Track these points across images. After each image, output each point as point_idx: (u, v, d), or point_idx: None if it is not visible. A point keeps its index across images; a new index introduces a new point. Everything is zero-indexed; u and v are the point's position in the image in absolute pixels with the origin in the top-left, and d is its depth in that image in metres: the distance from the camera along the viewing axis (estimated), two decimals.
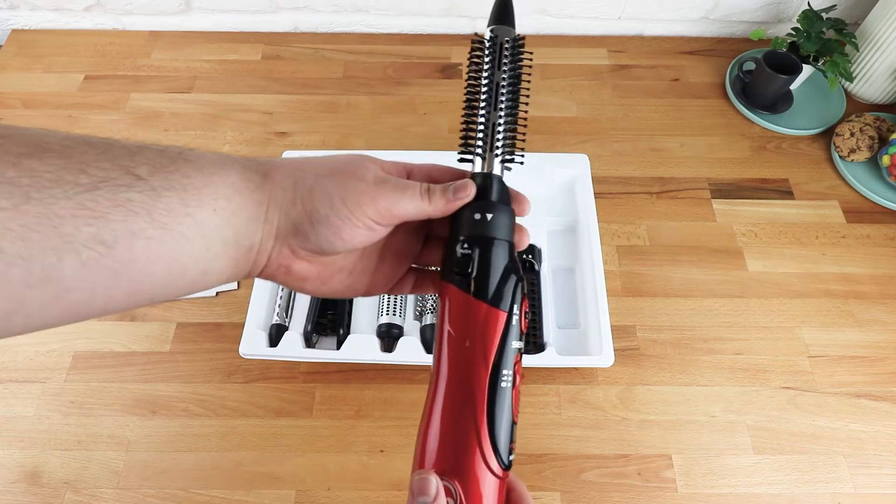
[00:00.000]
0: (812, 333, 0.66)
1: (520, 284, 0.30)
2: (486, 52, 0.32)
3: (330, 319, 0.64)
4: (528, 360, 0.60)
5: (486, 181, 0.30)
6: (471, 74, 0.32)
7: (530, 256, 0.65)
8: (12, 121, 0.83)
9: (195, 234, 0.24)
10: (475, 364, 0.28)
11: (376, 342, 0.61)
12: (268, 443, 0.59)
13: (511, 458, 0.29)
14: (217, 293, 0.68)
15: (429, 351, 0.60)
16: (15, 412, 0.60)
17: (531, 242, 0.66)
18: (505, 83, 0.31)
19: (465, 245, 0.29)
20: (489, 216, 0.29)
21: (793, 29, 0.82)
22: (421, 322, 0.63)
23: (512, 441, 0.29)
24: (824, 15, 0.81)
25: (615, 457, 0.59)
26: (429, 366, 0.62)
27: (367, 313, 0.64)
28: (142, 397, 0.62)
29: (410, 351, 0.60)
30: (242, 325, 0.61)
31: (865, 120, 0.79)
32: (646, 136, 0.83)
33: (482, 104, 0.31)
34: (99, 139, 0.23)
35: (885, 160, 0.75)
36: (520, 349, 0.30)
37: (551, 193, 0.73)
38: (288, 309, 0.64)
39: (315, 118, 0.85)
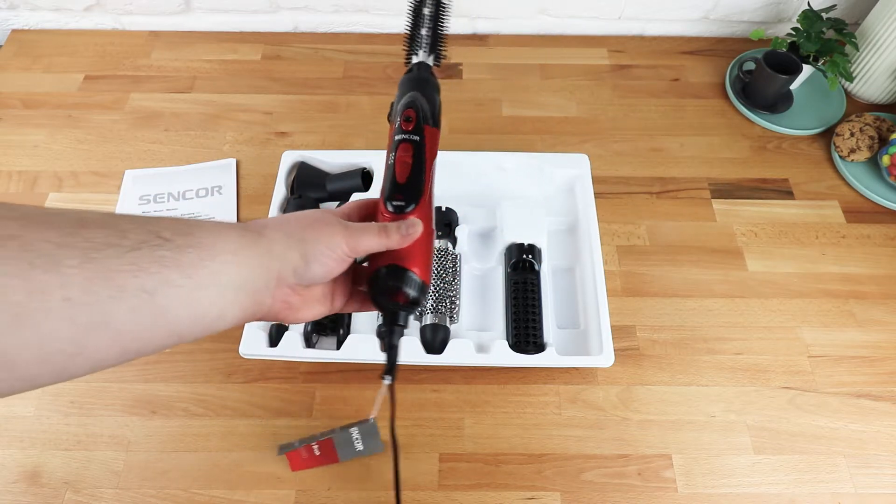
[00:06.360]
0: (812, 333, 0.66)
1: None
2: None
3: (330, 319, 0.64)
4: (529, 360, 0.60)
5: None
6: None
7: (530, 256, 0.65)
8: (12, 120, 0.83)
9: (211, 282, 0.30)
10: None
11: (376, 342, 0.61)
12: (268, 443, 0.59)
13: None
14: None
15: (429, 351, 0.60)
16: (15, 412, 0.60)
17: (531, 242, 0.66)
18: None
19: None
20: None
21: (793, 29, 0.82)
22: (421, 322, 0.63)
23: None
24: (824, 15, 0.81)
25: (615, 457, 0.59)
26: (429, 366, 0.63)
27: (367, 313, 0.64)
28: (142, 397, 0.62)
29: (410, 351, 0.60)
30: (242, 325, 0.61)
31: (865, 120, 0.79)
32: (646, 136, 0.83)
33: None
34: (122, 215, 0.29)
35: (885, 160, 0.75)
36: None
37: (551, 193, 0.73)
38: None
39: (315, 118, 0.85)
